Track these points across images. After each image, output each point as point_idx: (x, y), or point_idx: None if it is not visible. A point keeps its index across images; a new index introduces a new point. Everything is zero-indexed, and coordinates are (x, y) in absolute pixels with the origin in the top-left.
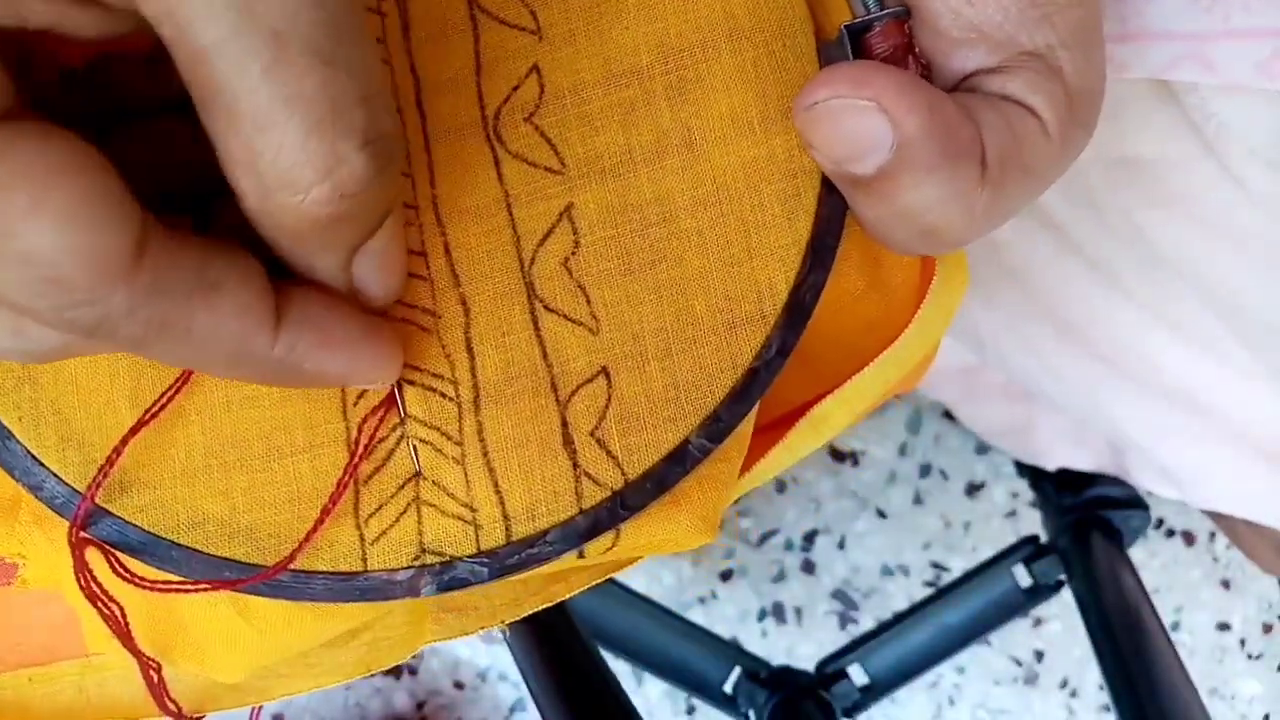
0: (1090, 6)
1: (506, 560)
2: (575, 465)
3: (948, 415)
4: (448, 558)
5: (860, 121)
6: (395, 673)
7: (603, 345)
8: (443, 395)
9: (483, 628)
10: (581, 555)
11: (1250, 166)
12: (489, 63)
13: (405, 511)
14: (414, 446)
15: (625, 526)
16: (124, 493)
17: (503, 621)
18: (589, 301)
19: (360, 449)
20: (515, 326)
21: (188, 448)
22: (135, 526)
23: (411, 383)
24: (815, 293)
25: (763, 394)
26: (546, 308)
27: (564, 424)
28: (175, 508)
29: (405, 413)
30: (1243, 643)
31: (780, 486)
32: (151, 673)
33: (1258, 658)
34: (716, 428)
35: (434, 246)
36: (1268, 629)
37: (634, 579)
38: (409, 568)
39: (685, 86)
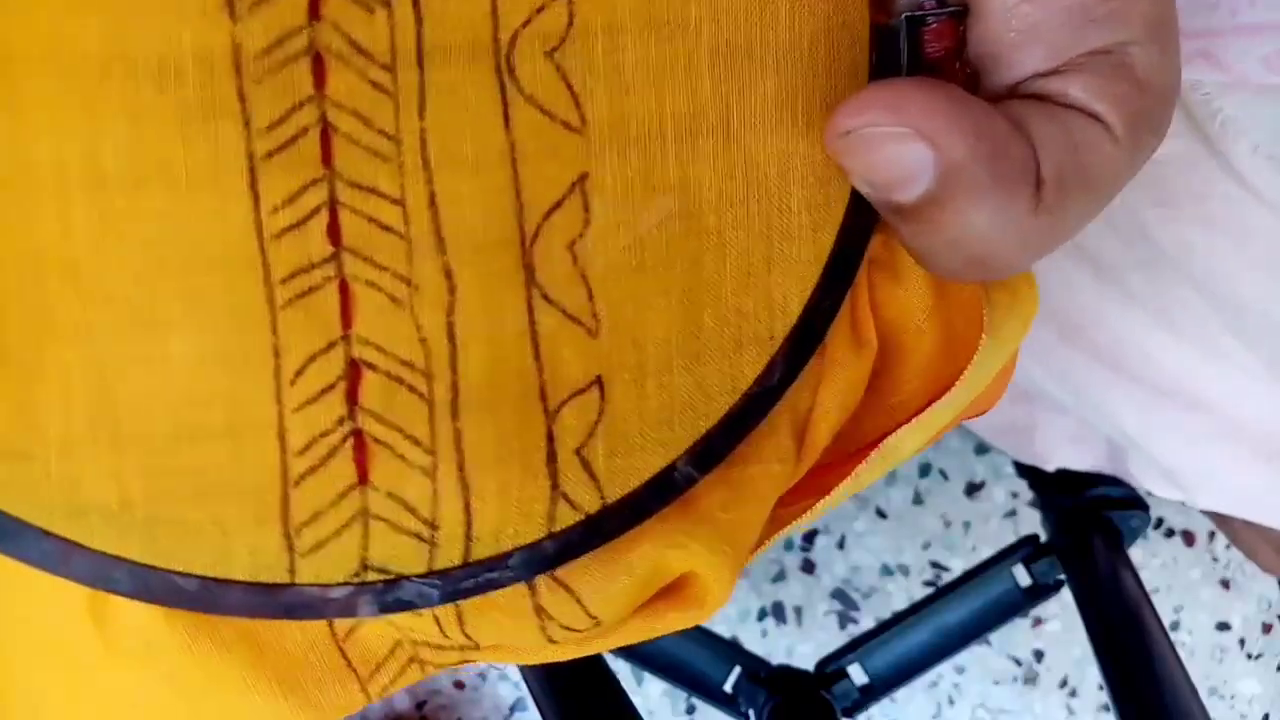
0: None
1: (461, 583)
2: (555, 486)
3: None
4: (393, 575)
5: (898, 150)
6: None
7: (600, 351)
8: (412, 389)
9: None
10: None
11: (1254, 163)
12: None
13: (348, 525)
14: (366, 447)
15: (634, 619)
16: None
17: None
18: (591, 297)
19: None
20: (508, 317)
21: (66, 409)
22: None
23: (372, 366)
24: (828, 318)
25: (759, 423)
26: (545, 298)
27: (550, 438)
28: (48, 489)
29: (359, 403)
30: (1242, 642)
31: None
32: None
33: (1257, 657)
34: (707, 456)
35: (416, 195)
36: (1267, 629)
37: None
38: (346, 584)
39: (733, 54)
